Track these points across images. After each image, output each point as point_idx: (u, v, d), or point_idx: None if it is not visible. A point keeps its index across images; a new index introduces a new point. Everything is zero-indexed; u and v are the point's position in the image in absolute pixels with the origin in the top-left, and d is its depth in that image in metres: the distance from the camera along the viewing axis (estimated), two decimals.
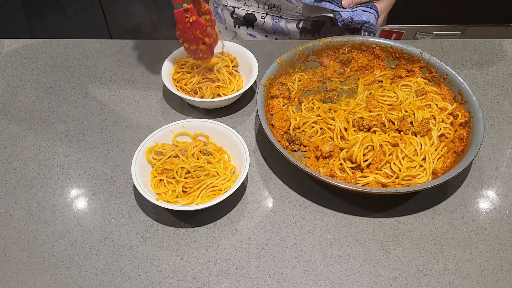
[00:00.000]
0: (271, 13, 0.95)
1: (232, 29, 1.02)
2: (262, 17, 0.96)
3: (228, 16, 1.00)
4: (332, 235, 0.63)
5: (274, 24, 0.96)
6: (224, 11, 1.00)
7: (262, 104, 0.71)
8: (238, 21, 1.00)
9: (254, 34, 1.01)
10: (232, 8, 0.98)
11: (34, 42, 0.95)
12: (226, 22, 1.02)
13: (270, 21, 0.96)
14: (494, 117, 0.79)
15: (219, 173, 0.66)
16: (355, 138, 0.69)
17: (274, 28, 0.97)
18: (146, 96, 0.83)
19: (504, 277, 0.58)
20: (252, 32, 1.00)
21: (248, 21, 0.98)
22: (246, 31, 1.01)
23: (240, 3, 0.97)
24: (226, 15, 1.00)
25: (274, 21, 0.96)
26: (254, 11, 0.96)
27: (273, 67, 0.77)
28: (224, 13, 1.01)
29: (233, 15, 0.99)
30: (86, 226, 0.64)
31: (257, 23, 0.98)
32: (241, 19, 0.99)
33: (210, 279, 0.58)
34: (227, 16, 1.00)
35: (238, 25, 1.00)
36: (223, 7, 1.00)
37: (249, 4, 0.96)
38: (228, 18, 1.01)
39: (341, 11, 0.83)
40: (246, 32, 1.01)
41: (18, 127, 0.78)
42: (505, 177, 0.70)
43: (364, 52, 0.84)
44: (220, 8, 1.01)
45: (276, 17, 0.95)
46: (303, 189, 0.68)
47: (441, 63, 0.77)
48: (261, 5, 0.95)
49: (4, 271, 0.59)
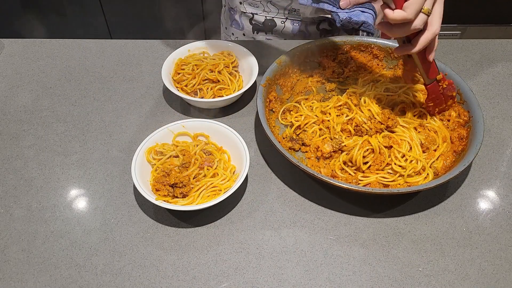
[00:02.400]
0: (291, 18, 0.94)
1: (251, 35, 1.01)
2: (282, 22, 0.96)
3: (247, 22, 0.99)
4: (332, 235, 0.63)
5: (294, 28, 0.95)
6: (242, 17, 0.99)
7: (262, 104, 0.71)
8: (257, 27, 0.99)
9: (273, 40, 1.00)
10: (250, 14, 0.97)
11: (34, 42, 0.95)
12: (244, 29, 1.01)
13: (290, 25, 0.95)
14: (494, 117, 0.79)
15: (219, 173, 0.66)
16: (354, 140, 0.69)
17: (294, 32, 0.96)
18: (146, 96, 0.83)
19: (504, 277, 0.58)
20: (271, 37, 0.99)
21: (267, 27, 0.98)
22: (264, 37, 1.00)
23: (259, 9, 0.96)
24: (245, 21, 1.00)
25: (294, 25, 0.95)
26: (273, 17, 0.96)
27: (272, 67, 0.77)
28: (242, 19, 1.00)
29: (252, 22, 0.98)
30: (86, 226, 0.64)
31: (277, 29, 0.97)
32: (260, 25, 0.98)
33: (210, 279, 0.58)
34: (245, 22, 1.00)
35: (257, 31, 1.00)
36: (241, 13, 0.99)
37: (268, 10, 0.95)
38: (247, 25, 1.00)
39: (339, 12, 0.83)
40: (265, 37, 1.00)
41: (18, 127, 0.78)
42: (505, 177, 0.70)
43: (363, 52, 0.84)
44: (237, 15, 1.00)
45: (296, 21, 0.94)
46: (303, 189, 0.68)
47: (440, 63, 0.77)
48: (281, 10, 0.94)
49: (4, 271, 0.59)
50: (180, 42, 0.92)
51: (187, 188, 0.64)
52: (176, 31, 1.88)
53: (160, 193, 0.64)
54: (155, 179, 0.65)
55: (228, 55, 0.85)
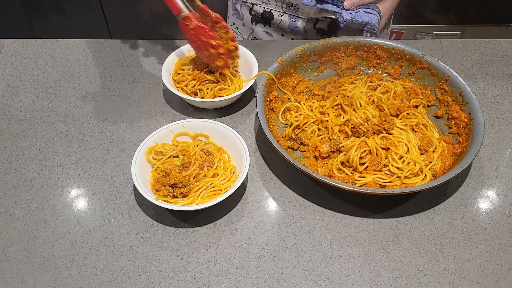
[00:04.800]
0: (289, 12, 0.95)
1: (249, 25, 1.02)
2: (280, 15, 0.96)
3: (247, 12, 1.00)
4: (332, 235, 0.63)
5: (291, 23, 0.96)
6: (243, 7, 1.00)
7: (262, 104, 0.71)
8: (256, 18, 1.00)
9: (271, 32, 1.01)
10: (250, 4, 0.98)
11: (34, 42, 0.95)
12: (243, 19, 1.02)
13: (287, 20, 0.96)
14: (494, 117, 0.79)
15: (219, 173, 0.66)
16: (352, 141, 0.69)
17: (291, 27, 0.97)
18: (146, 96, 0.83)
19: (504, 277, 0.58)
20: (268, 30, 1.00)
21: (265, 18, 0.98)
22: (263, 29, 1.00)
23: (258, 0, 0.97)
24: (245, 11, 1.00)
25: (291, 20, 0.96)
26: (272, 9, 0.96)
27: (273, 67, 0.77)
28: (243, 9, 1.01)
29: (251, 12, 0.99)
30: (86, 226, 0.64)
31: (274, 21, 0.98)
32: (258, 16, 0.99)
33: (210, 279, 0.58)
34: (245, 12, 1.01)
35: (256, 22, 1.00)
36: (242, 3, 1.00)
37: (267, 2, 0.96)
38: (246, 15, 1.01)
39: (342, 13, 0.83)
40: (263, 29, 1.01)
41: (18, 127, 0.78)
42: (505, 177, 0.70)
43: (366, 52, 0.84)
44: (239, 4, 1.01)
45: (294, 16, 0.95)
46: (303, 189, 0.68)
47: (443, 65, 0.77)
48: (279, 3, 0.94)
49: (4, 271, 0.59)
50: (180, 42, 0.93)
51: (187, 188, 0.64)
52: (176, 31, 1.87)
53: (160, 193, 0.64)
54: (155, 179, 0.65)
55: None
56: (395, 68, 0.83)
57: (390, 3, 0.86)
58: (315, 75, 0.85)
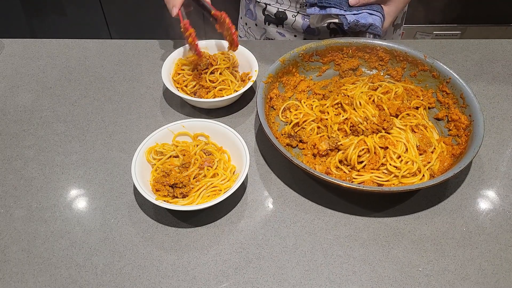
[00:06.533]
0: (302, 12, 0.94)
1: (262, 25, 1.01)
2: (293, 15, 0.95)
3: (260, 12, 1.00)
4: (332, 235, 0.63)
5: (304, 24, 0.95)
6: (256, 7, 1.00)
7: (262, 103, 0.71)
8: (269, 18, 0.99)
9: (283, 33, 1.00)
10: (264, 4, 0.98)
11: (34, 42, 0.95)
12: (256, 19, 1.01)
13: (301, 20, 0.95)
14: (494, 117, 0.79)
15: (219, 173, 0.66)
16: (351, 140, 0.69)
17: (304, 27, 0.96)
18: (146, 96, 0.83)
19: (504, 277, 0.58)
20: (281, 31, 0.99)
21: (278, 19, 0.98)
22: (275, 29, 1.00)
23: (272, 0, 0.96)
24: (258, 11, 1.00)
25: (304, 21, 0.95)
26: (285, 9, 0.96)
27: (275, 65, 0.77)
28: (256, 9, 1.00)
29: (264, 12, 0.99)
30: (86, 226, 0.64)
31: (288, 22, 0.97)
32: (272, 16, 0.98)
33: (210, 279, 0.58)
34: (258, 12, 1.00)
35: (268, 23, 1.00)
36: (255, 3, 0.99)
37: (281, 2, 0.95)
38: (259, 15, 1.00)
39: (346, 15, 0.83)
40: (276, 30, 1.00)
41: (18, 127, 0.78)
42: (505, 177, 0.70)
43: (368, 54, 0.84)
44: (252, 4, 1.01)
45: (307, 16, 0.94)
46: (303, 189, 0.68)
47: (444, 67, 0.77)
48: (293, 3, 0.94)
49: (4, 271, 0.59)
50: (180, 42, 0.93)
51: (187, 188, 0.64)
52: (176, 31, 1.87)
53: (160, 193, 0.64)
54: (155, 179, 0.65)
55: (229, 55, 0.85)
56: (397, 70, 0.83)
57: (396, 5, 0.86)
58: (317, 75, 0.85)
